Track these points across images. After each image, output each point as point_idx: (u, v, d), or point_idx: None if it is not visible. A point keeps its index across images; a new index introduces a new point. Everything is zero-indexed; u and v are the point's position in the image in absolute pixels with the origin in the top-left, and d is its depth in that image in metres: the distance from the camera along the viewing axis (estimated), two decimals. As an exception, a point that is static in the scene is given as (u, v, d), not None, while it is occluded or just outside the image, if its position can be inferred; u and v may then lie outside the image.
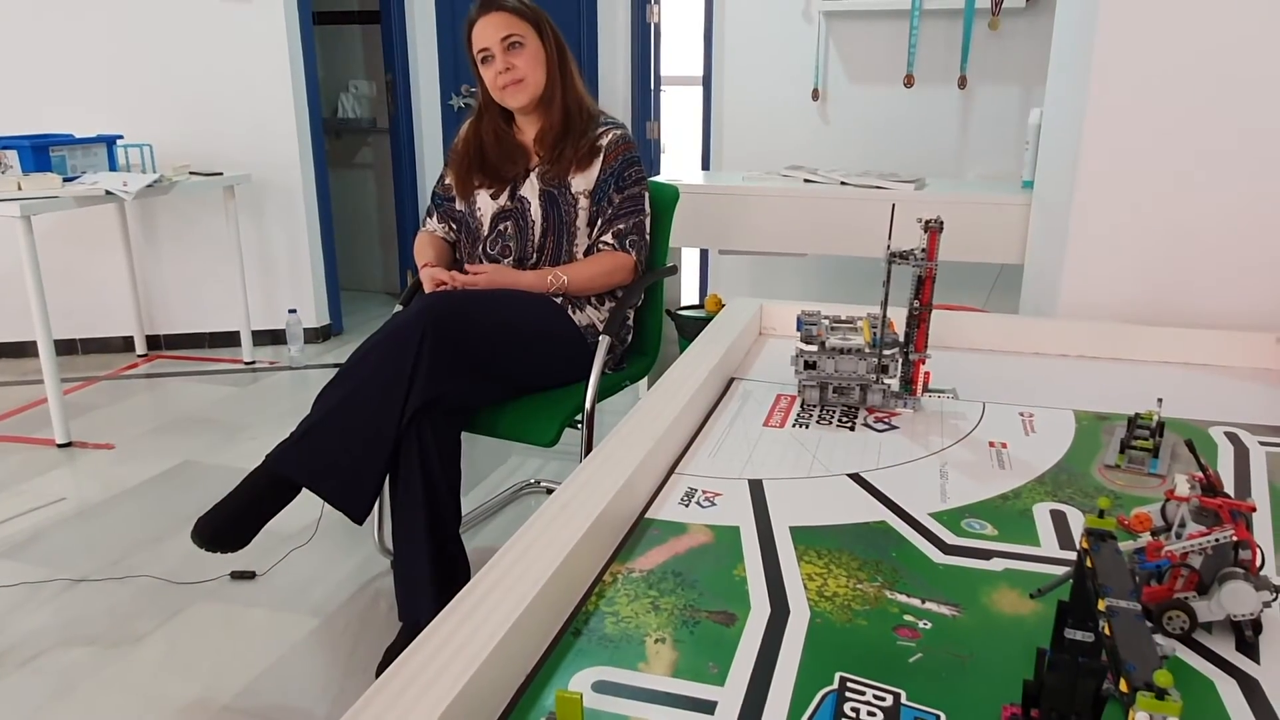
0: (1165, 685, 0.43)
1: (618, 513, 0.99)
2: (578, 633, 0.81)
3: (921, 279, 1.33)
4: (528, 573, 0.80)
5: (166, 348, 3.90)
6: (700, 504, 1.08)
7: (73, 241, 3.73)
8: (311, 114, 3.86)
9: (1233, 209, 1.74)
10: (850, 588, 0.89)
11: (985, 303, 3.24)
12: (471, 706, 0.66)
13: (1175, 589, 0.81)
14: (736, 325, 1.69)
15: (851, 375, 1.38)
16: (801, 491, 1.11)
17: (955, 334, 1.78)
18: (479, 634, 0.71)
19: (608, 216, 1.63)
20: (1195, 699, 0.71)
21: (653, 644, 0.79)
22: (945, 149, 3.46)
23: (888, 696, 0.72)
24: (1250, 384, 1.50)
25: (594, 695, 0.73)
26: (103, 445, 2.75)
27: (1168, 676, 0.43)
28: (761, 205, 2.71)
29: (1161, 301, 1.80)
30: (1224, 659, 0.77)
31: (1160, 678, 0.43)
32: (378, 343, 1.38)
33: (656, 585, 0.89)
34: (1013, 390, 1.48)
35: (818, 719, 0.70)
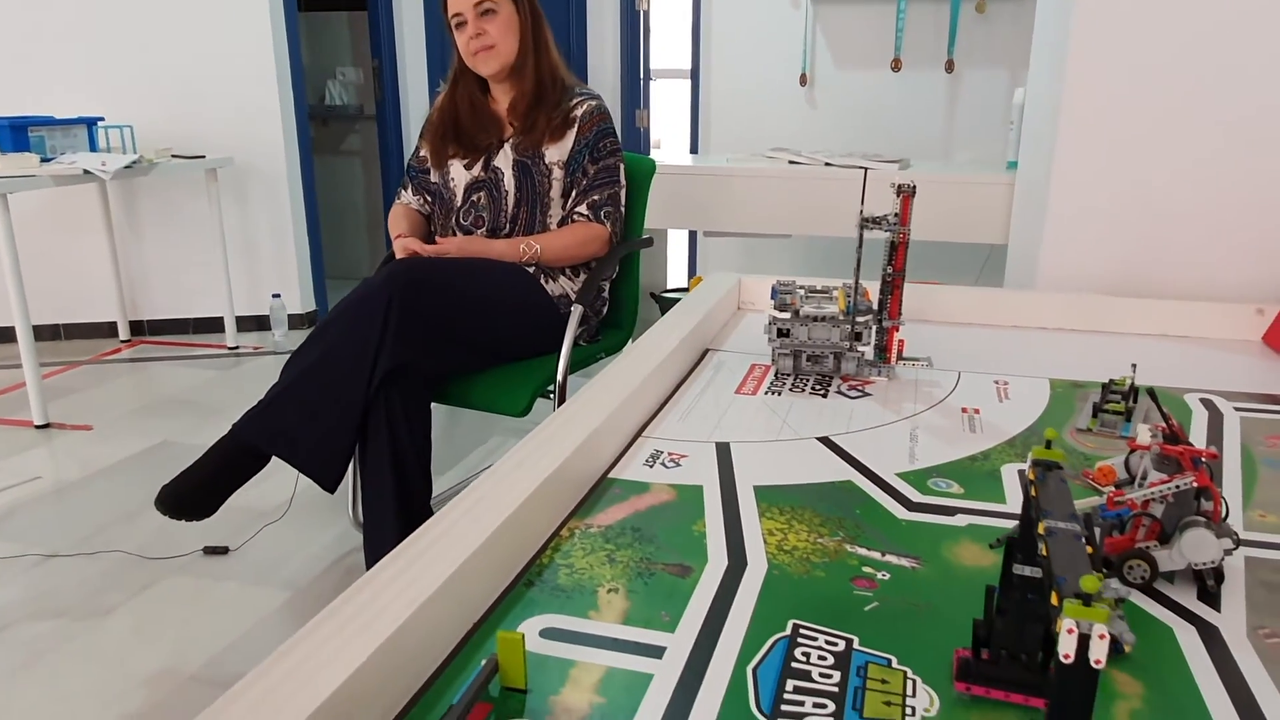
0: (1091, 590, 0.42)
1: (578, 471, 0.97)
2: (530, 583, 0.80)
3: (895, 244, 1.32)
4: (478, 523, 0.78)
5: (150, 333, 3.87)
6: (665, 465, 1.06)
7: (55, 226, 3.70)
8: (296, 97, 3.83)
9: (1210, 182, 1.73)
10: (811, 542, 0.87)
11: (975, 284, 3.22)
12: (410, 649, 0.65)
13: (1137, 539, 0.80)
14: (713, 297, 1.68)
15: (825, 343, 1.37)
16: (769, 454, 1.10)
17: (934, 307, 1.77)
18: (421, 579, 0.69)
19: (582, 187, 1.61)
20: (1154, 646, 0.70)
21: (605, 594, 0.78)
22: (932, 133, 3.44)
23: (840, 642, 0.71)
24: (1229, 354, 1.49)
25: (541, 641, 0.71)
26: (81, 426, 2.73)
27: (1094, 582, 0.42)
28: (746, 187, 2.70)
29: (1140, 275, 1.79)
30: (1184, 608, 0.76)
31: (1086, 583, 0.42)
32: (344, 309, 1.37)
33: (614, 540, 0.88)
34: (989, 360, 1.47)
35: (768, 663, 0.68)
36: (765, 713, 0.63)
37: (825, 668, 0.68)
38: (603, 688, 0.66)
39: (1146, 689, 0.65)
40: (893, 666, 0.68)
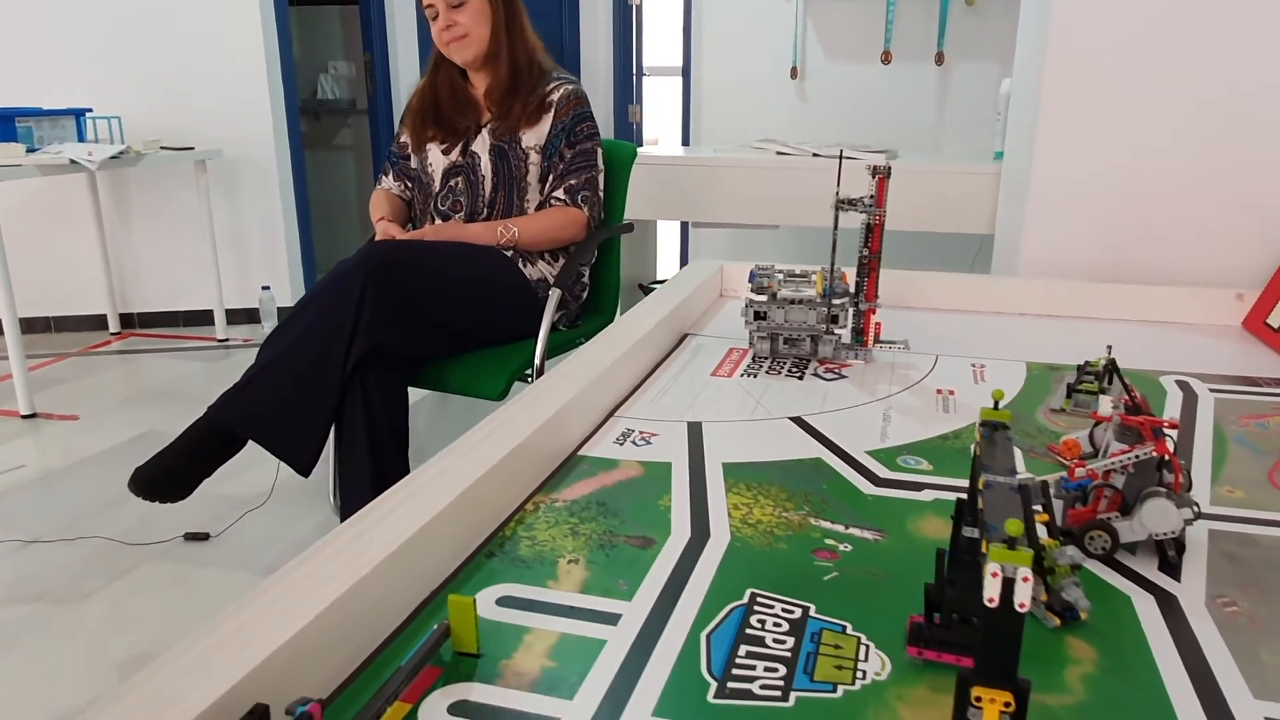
0: (1015, 534, 0.41)
1: (545, 447, 0.97)
2: (491, 554, 0.80)
3: (870, 226, 1.32)
4: (437, 492, 0.78)
5: (140, 326, 3.87)
6: (635, 443, 1.06)
7: (45, 218, 3.70)
8: (286, 90, 3.83)
9: (1190, 169, 1.73)
10: (775, 516, 0.87)
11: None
12: (360, 613, 0.64)
13: (1099, 510, 0.80)
14: (692, 282, 1.67)
15: (802, 326, 1.37)
16: (740, 432, 1.09)
17: (916, 294, 1.77)
18: (375, 545, 0.69)
19: (559, 172, 1.61)
20: (1111, 614, 0.70)
21: (565, 564, 0.78)
22: (923, 125, 3.44)
23: (796, 610, 0.71)
24: (1209, 339, 1.49)
25: (497, 608, 0.71)
26: (67, 416, 2.73)
27: (1018, 525, 0.42)
28: (734, 178, 2.69)
29: (1121, 261, 1.79)
30: (1144, 578, 0.76)
31: (1010, 526, 0.41)
32: (320, 291, 1.36)
33: (579, 514, 0.87)
34: (968, 344, 1.47)
35: (722, 629, 0.68)
36: (716, 676, 0.63)
37: (779, 634, 0.68)
38: (555, 653, 0.65)
39: (1100, 654, 0.65)
40: (847, 633, 0.68)
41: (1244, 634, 0.67)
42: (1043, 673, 0.63)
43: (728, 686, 0.62)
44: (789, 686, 0.61)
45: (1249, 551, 0.80)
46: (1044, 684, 0.62)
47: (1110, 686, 0.62)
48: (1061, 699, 0.60)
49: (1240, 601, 0.72)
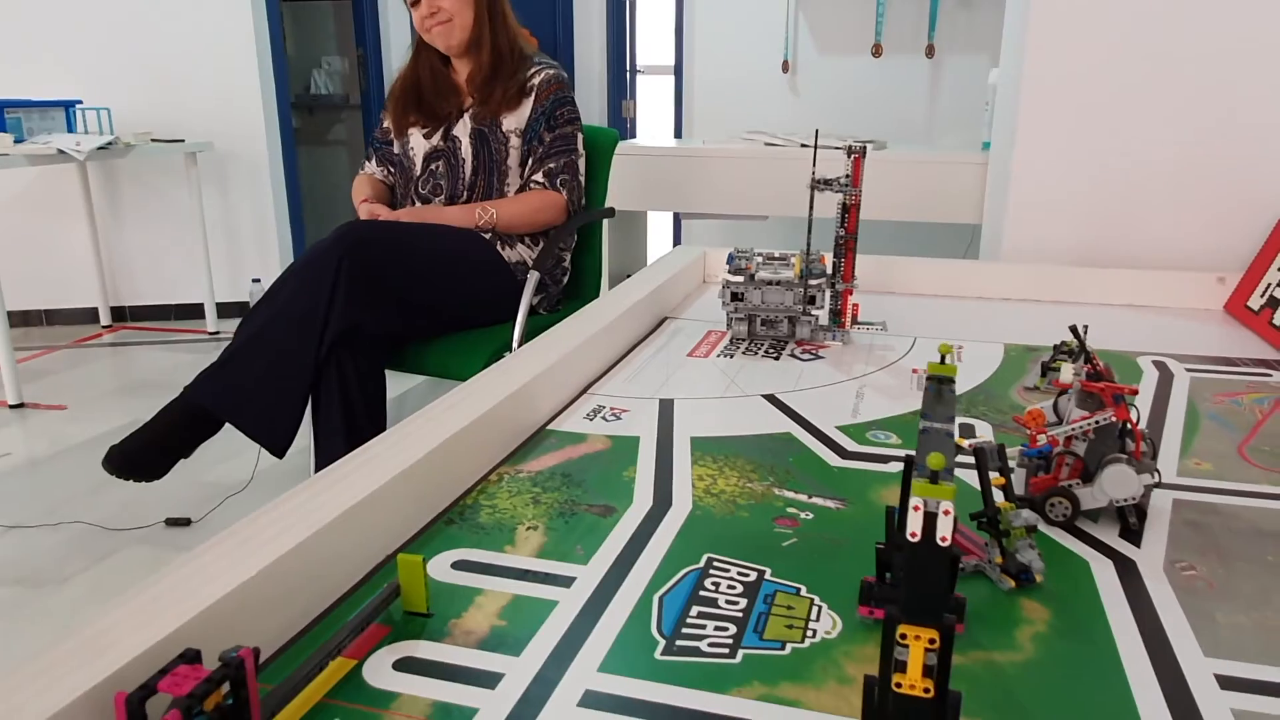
0: (937, 466, 0.41)
1: (512, 420, 0.97)
2: (451, 521, 0.80)
3: (847, 207, 1.31)
4: (396, 458, 0.78)
5: (132, 319, 3.86)
6: (605, 418, 1.06)
7: (36, 211, 3.69)
8: (278, 83, 3.82)
9: (1172, 153, 1.73)
10: (739, 486, 0.87)
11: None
12: (309, 570, 0.64)
13: (1061, 478, 0.80)
14: (673, 267, 1.67)
15: (779, 307, 1.37)
16: (711, 409, 1.09)
17: (898, 279, 1.77)
18: (328, 505, 0.68)
19: (539, 155, 1.60)
20: (1067, 577, 0.70)
21: (524, 531, 0.78)
22: (914, 118, 3.44)
23: (752, 573, 0.71)
24: (1191, 323, 1.49)
25: (451, 571, 0.71)
26: (55, 406, 2.73)
27: (940, 459, 0.41)
28: (723, 169, 2.69)
29: (1103, 246, 1.79)
30: (1105, 544, 0.75)
31: (932, 460, 0.41)
32: (294, 271, 1.36)
33: (542, 484, 0.87)
34: (948, 328, 1.47)
35: (675, 591, 0.68)
36: (665, 635, 0.62)
37: (733, 595, 0.67)
38: (506, 612, 0.65)
39: (1053, 615, 0.65)
40: (801, 594, 0.68)
41: (1201, 596, 0.67)
42: (994, 632, 0.63)
43: (676, 644, 0.61)
44: (738, 645, 0.61)
45: (1212, 519, 0.80)
46: (994, 642, 0.62)
47: (1061, 645, 0.61)
48: (1011, 656, 0.60)
49: (1199, 566, 0.71)
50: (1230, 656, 0.60)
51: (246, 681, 0.48)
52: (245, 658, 0.48)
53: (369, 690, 0.57)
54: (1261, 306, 1.43)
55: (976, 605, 0.66)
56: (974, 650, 0.61)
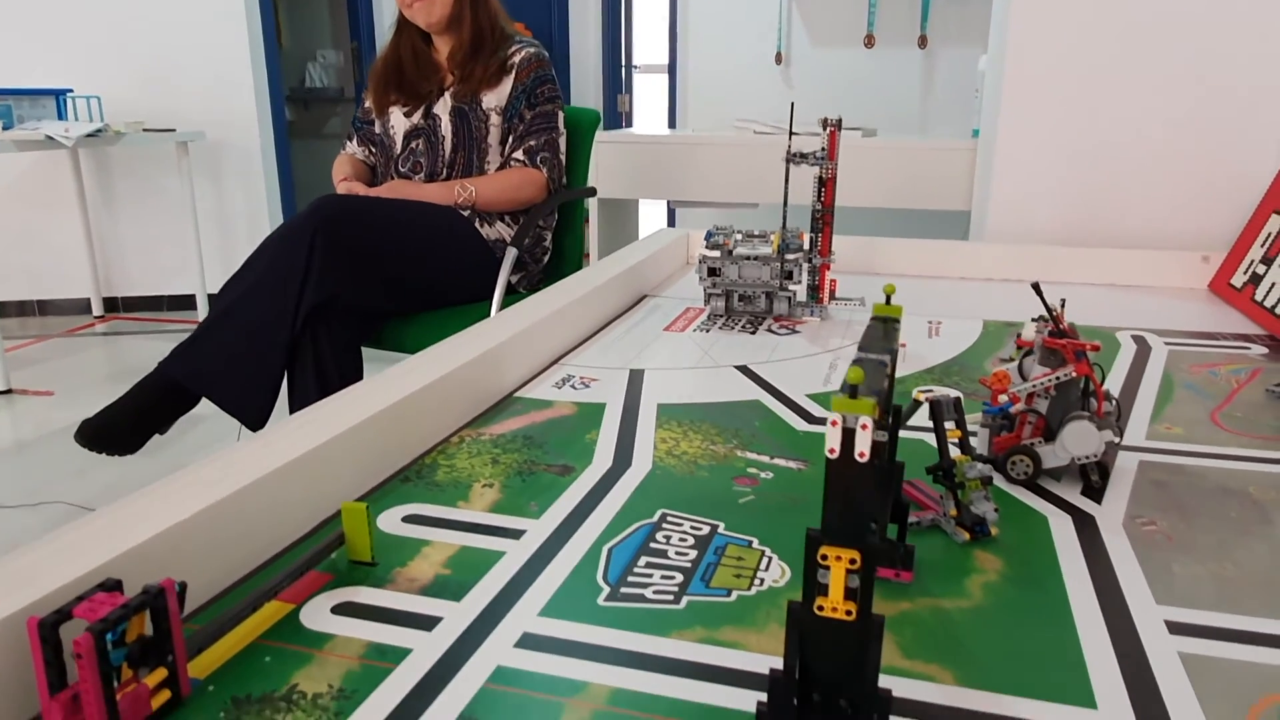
0: (856, 380, 0.40)
1: (476, 385, 0.96)
2: (406, 480, 0.79)
3: (823, 180, 1.31)
4: (349, 413, 0.77)
5: (124, 310, 3.86)
6: (574, 387, 1.05)
7: (28, 201, 3.69)
8: (270, 73, 3.82)
9: (1156, 133, 1.72)
10: (702, 448, 0.86)
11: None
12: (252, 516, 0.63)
13: (1023, 436, 0.79)
14: (654, 246, 1.66)
15: (756, 282, 1.36)
16: (682, 379, 1.08)
17: (881, 260, 1.76)
18: (274, 455, 0.68)
19: (519, 133, 1.60)
20: (1024, 531, 0.69)
21: (479, 488, 0.77)
22: (907, 108, 3.43)
23: (705, 527, 0.70)
24: (1175, 301, 1.48)
25: (402, 525, 0.70)
26: (43, 392, 2.72)
27: (858, 372, 0.41)
28: (713, 157, 2.68)
29: (1089, 228, 1.78)
30: (1066, 501, 0.74)
31: (852, 374, 0.40)
32: (270, 243, 1.35)
33: (502, 446, 0.86)
34: (928, 305, 1.46)
35: (625, 543, 0.67)
36: (610, 583, 0.61)
37: (683, 548, 0.67)
38: (452, 562, 0.64)
39: (1006, 565, 0.64)
40: (752, 547, 0.67)
41: (1159, 549, 0.66)
42: (944, 581, 0.62)
43: (620, 591, 0.60)
44: (683, 592, 0.60)
45: (1177, 479, 0.79)
46: (943, 590, 0.61)
47: (1010, 593, 0.60)
48: (958, 603, 0.59)
49: (1160, 521, 0.71)
50: (1183, 604, 0.59)
51: (168, 613, 0.47)
52: (166, 587, 0.47)
53: (305, 632, 0.56)
54: (1244, 283, 1.42)
55: (929, 557, 0.65)
56: (921, 597, 0.60)
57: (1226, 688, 0.51)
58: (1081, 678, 0.51)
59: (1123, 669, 0.52)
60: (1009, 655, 0.53)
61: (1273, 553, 0.66)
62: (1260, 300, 1.34)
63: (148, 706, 0.46)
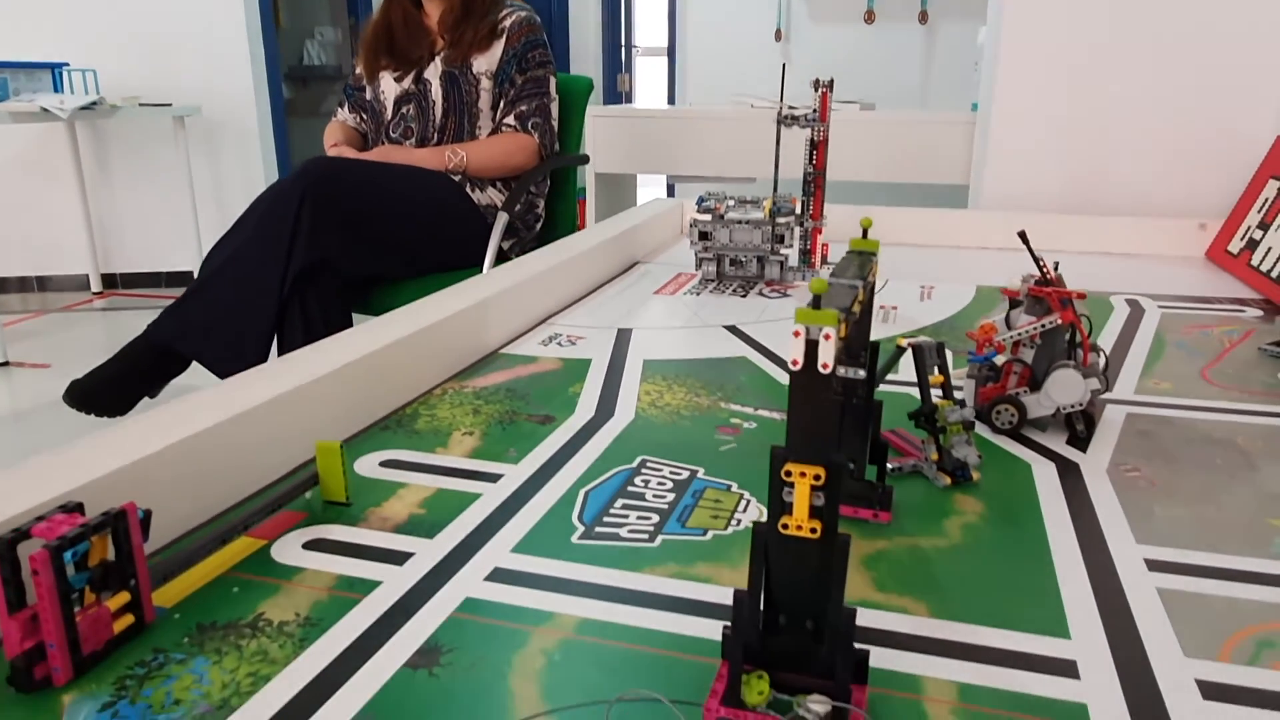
0: (819, 290, 0.40)
1: (460, 339, 0.95)
2: (387, 427, 0.78)
3: (815, 142, 1.29)
4: (325, 360, 0.76)
5: (123, 286, 3.85)
6: (560, 344, 1.04)
7: (25, 177, 3.67)
8: (267, 48, 3.79)
9: (1152, 101, 1.70)
10: (686, 400, 0.85)
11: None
12: (227, 455, 0.63)
13: (1009, 386, 0.78)
14: (648, 214, 1.65)
15: (748, 246, 1.35)
16: (670, 337, 1.08)
17: (878, 229, 1.75)
18: (245, 398, 0.67)
19: (510, 98, 1.58)
20: (1006, 476, 0.68)
21: (459, 436, 0.76)
22: (908, 83, 3.41)
23: (684, 472, 0.69)
24: (1172, 269, 1.47)
25: (379, 469, 0.70)
26: (39, 365, 2.72)
27: (821, 283, 0.40)
28: (711, 131, 2.67)
29: (1086, 196, 1.76)
30: (1051, 450, 0.74)
31: (814, 285, 0.40)
32: (258, 204, 1.34)
33: (485, 397, 0.86)
34: (921, 272, 1.45)
35: (603, 487, 0.66)
36: (585, 523, 0.61)
37: (661, 491, 0.66)
38: (427, 503, 0.64)
39: (986, 508, 0.63)
40: (731, 490, 0.66)
41: (1141, 493, 0.65)
42: (923, 522, 0.61)
43: (595, 530, 0.60)
44: (658, 531, 0.60)
45: (1164, 430, 0.78)
46: (921, 530, 0.60)
47: (988, 533, 0.60)
48: (935, 542, 0.59)
49: (1144, 469, 0.70)
50: (1162, 544, 0.58)
51: (129, 536, 0.47)
52: (127, 510, 0.47)
53: (274, 566, 0.55)
54: (1241, 249, 1.41)
55: (910, 500, 0.64)
56: (899, 537, 0.59)
57: (1203, 621, 0.50)
58: (1057, 611, 0.51)
59: (1099, 603, 0.52)
60: (984, 590, 0.53)
61: (1256, 497, 0.65)
62: (1256, 265, 1.33)
63: (109, 629, 0.46)
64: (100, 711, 0.42)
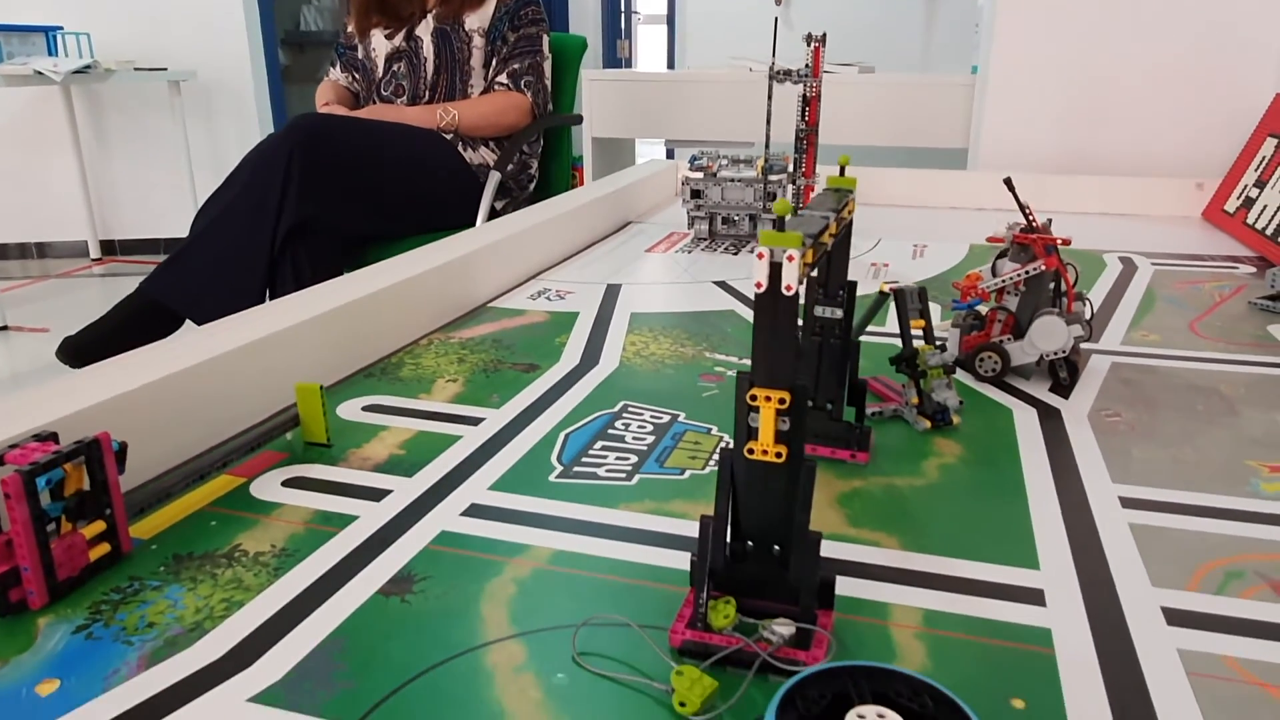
0: (782, 212, 0.39)
1: (447, 292, 0.95)
2: (371, 375, 0.78)
3: (807, 99, 1.28)
4: (308, 307, 0.76)
5: (122, 253, 3.85)
6: (549, 299, 1.04)
7: (22, 143, 3.66)
8: (263, 13, 3.75)
9: (1149, 60, 1.68)
10: (671, 350, 0.85)
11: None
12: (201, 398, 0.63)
13: (993, 334, 0.78)
14: (642, 174, 1.65)
15: (739, 204, 1.34)
16: (659, 292, 1.08)
17: (871, 190, 1.74)
18: (226, 340, 0.67)
19: (502, 56, 1.57)
20: (987, 421, 0.68)
21: (443, 383, 0.76)
22: (910, 48, 3.37)
23: (665, 416, 0.69)
24: (1168, 228, 1.46)
25: (361, 413, 0.70)
26: (38, 329, 2.72)
27: (785, 204, 0.40)
28: (708, 95, 2.64)
29: (1084, 155, 1.75)
30: (1033, 397, 0.74)
31: (778, 206, 0.39)
32: (247, 161, 1.33)
33: (471, 347, 0.86)
34: (916, 231, 1.44)
35: (583, 430, 0.67)
36: (563, 463, 0.61)
37: (641, 433, 0.66)
38: (408, 444, 0.64)
39: (965, 450, 0.63)
40: (711, 434, 0.67)
41: (1121, 436, 0.66)
42: (900, 463, 0.61)
43: (573, 470, 0.60)
44: (636, 471, 0.60)
45: (1147, 378, 0.78)
46: (898, 470, 0.60)
47: (965, 473, 0.60)
48: (911, 481, 0.59)
49: (1125, 414, 0.70)
50: (1137, 482, 0.59)
51: (104, 466, 0.47)
52: (101, 439, 0.47)
53: (253, 501, 0.56)
54: (1237, 208, 1.40)
55: (889, 443, 0.64)
56: (875, 476, 0.59)
57: (1173, 554, 0.50)
58: (1028, 544, 0.51)
59: (1070, 537, 0.52)
60: (957, 525, 0.53)
61: (1235, 440, 0.65)
62: (1252, 223, 1.32)
63: (85, 556, 0.46)
64: (75, 633, 0.43)
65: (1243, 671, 0.40)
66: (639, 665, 0.40)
